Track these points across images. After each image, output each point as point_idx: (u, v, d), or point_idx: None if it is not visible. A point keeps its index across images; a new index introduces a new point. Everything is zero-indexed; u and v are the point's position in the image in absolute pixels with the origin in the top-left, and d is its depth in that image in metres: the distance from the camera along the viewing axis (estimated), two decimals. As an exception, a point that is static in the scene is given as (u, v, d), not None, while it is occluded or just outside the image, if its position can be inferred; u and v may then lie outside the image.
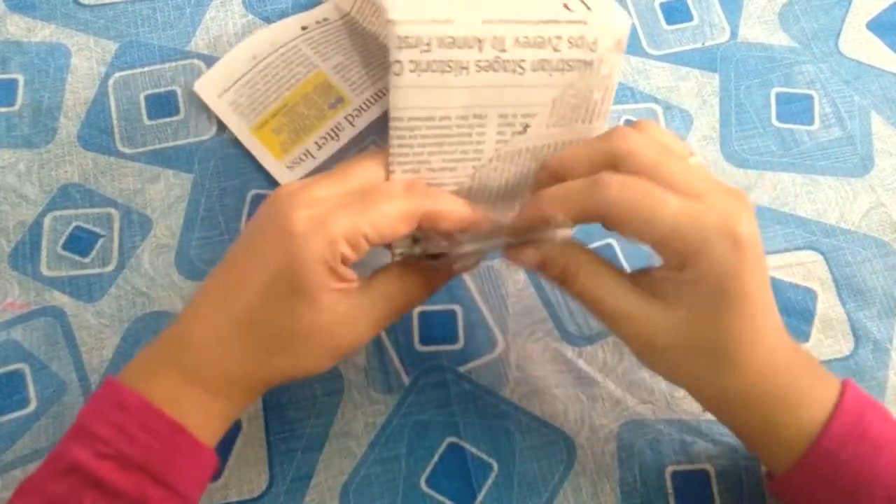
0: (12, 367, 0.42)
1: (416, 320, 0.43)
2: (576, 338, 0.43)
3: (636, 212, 0.31)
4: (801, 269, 0.45)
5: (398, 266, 0.36)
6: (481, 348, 0.43)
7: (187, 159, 0.47)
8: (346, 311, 0.33)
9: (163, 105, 0.49)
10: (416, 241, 0.35)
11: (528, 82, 0.33)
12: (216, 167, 0.47)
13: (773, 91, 0.50)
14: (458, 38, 0.31)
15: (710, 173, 0.33)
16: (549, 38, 0.32)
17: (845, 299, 0.44)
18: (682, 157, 0.33)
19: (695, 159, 0.33)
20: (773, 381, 0.32)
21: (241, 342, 0.32)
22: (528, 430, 0.41)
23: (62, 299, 0.44)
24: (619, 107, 0.49)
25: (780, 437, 0.33)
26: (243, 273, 0.33)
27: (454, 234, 0.34)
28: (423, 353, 0.43)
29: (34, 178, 0.47)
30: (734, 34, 0.52)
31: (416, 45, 0.31)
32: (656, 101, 0.50)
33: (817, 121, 0.49)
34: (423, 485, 0.40)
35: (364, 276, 0.34)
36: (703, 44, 0.52)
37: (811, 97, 0.50)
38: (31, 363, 0.42)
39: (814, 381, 0.33)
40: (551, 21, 0.32)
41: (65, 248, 0.45)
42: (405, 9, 0.31)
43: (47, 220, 0.46)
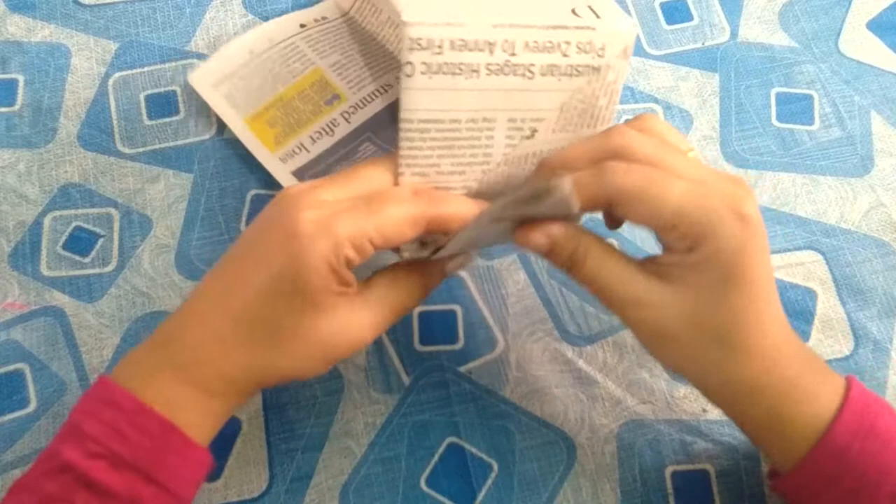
0: (12, 367, 0.42)
1: (416, 320, 0.43)
2: (576, 338, 0.43)
3: (643, 193, 0.31)
4: (801, 269, 0.45)
5: (395, 269, 0.36)
6: (481, 348, 0.43)
7: (187, 159, 0.47)
8: (345, 314, 0.33)
9: (163, 105, 0.49)
10: (423, 244, 0.35)
11: (537, 86, 0.33)
12: (216, 167, 0.47)
13: (773, 91, 0.50)
14: (469, 41, 0.31)
15: (709, 166, 0.33)
16: (559, 43, 0.32)
17: (845, 299, 0.44)
18: (681, 150, 0.33)
19: (693, 154, 0.34)
20: (780, 371, 0.32)
21: (237, 341, 0.32)
22: (528, 430, 0.41)
23: (62, 299, 0.44)
24: (619, 107, 0.49)
25: (787, 431, 0.33)
26: (244, 272, 0.33)
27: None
28: (423, 353, 0.43)
29: (34, 178, 0.47)
30: (734, 34, 0.52)
31: (427, 48, 0.31)
32: (656, 101, 0.50)
33: (817, 121, 0.49)
34: (423, 485, 0.40)
35: (360, 279, 0.34)
36: (703, 44, 0.52)
37: (811, 97, 0.50)
38: (31, 363, 0.42)
39: (819, 375, 0.34)
40: (560, 27, 0.32)
41: (65, 248, 0.45)
42: (418, 11, 0.31)
43: (47, 220, 0.46)
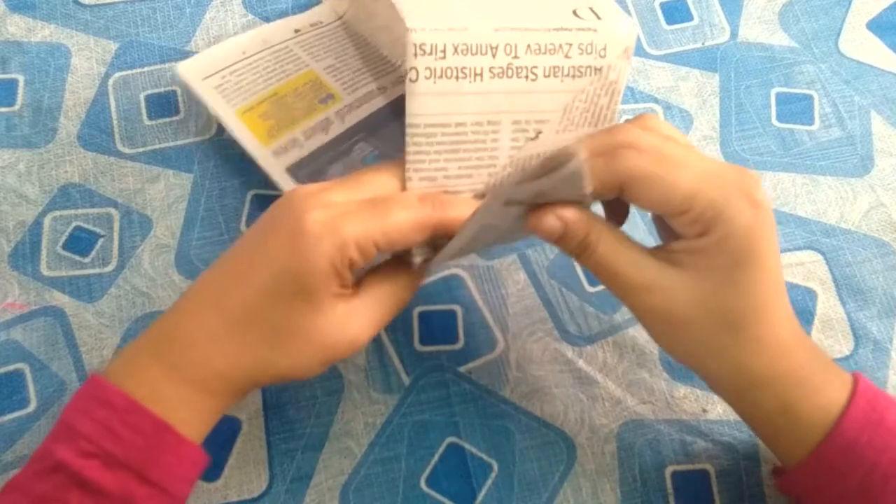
0: (12, 367, 0.42)
1: (416, 320, 0.43)
2: (576, 338, 0.43)
3: (656, 176, 0.31)
4: (801, 269, 0.45)
5: (387, 269, 0.36)
6: (481, 348, 0.43)
7: (187, 159, 0.47)
8: (343, 314, 0.33)
9: (163, 105, 0.49)
10: (435, 248, 0.35)
11: (540, 88, 0.33)
12: (216, 167, 0.47)
13: (773, 91, 0.50)
14: (471, 45, 0.32)
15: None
16: (561, 45, 0.33)
17: (845, 299, 0.44)
18: (686, 143, 0.33)
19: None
20: (789, 362, 0.32)
21: (233, 339, 0.32)
22: (527, 430, 0.41)
23: (62, 299, 0.44)
24: (619, 107, 0.49)
25: (796, 425, 0.33)
26: (244, 270, 0.33)
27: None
28: (423, 353, 0.43)
29: (34, 178, 0.47)
30: (734, 34, 0.52)
31: (431, 53, 0.31)
32: (656, 101, 0.50)
33: (817, 121, 0.49)
34: (423, 485, 0.40)
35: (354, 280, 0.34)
36: (703, 44, 0.52)
37: (811, 97, 0.50)
38: (31, 363, 0.42)
39: (826, 367, 0.34)
40: (562, 28, 0.33)
41: (65, 248, 0.45)
42: (421, 17, 0.31)
43: (47, 220, 0.46)
